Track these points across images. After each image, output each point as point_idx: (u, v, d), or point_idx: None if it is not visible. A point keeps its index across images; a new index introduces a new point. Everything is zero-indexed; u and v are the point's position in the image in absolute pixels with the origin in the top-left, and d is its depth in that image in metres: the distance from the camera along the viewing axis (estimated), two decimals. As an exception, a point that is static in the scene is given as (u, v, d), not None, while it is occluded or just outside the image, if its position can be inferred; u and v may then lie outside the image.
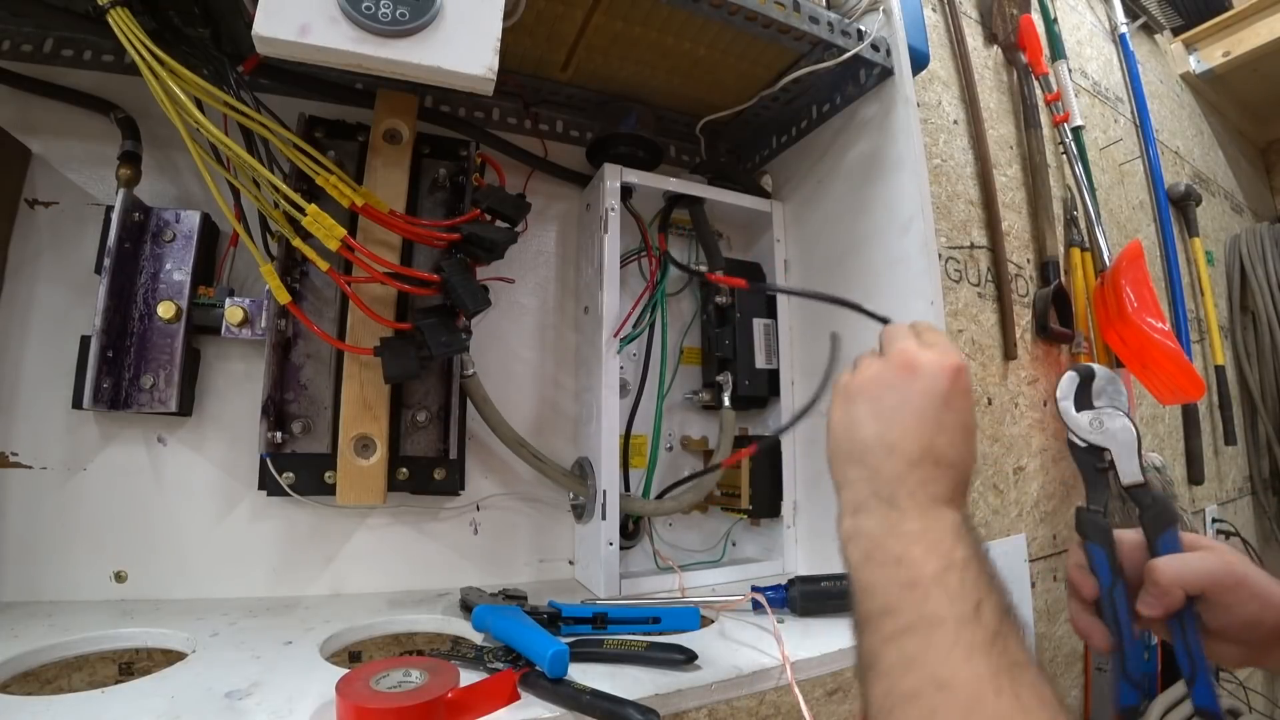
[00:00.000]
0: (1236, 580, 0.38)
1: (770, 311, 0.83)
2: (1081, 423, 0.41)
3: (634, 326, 0.77)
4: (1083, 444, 0.42)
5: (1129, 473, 0.41)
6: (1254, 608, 0.38)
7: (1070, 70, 1.40)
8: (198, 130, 0.49)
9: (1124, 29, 1.65)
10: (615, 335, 0.71)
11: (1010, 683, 0.25)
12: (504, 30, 0.47)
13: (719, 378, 0.79)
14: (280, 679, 0.44)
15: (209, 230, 0.63)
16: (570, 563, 0.76)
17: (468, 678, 0.42)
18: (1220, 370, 1.68)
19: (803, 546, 0.79)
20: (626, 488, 0.75)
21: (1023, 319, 1.18)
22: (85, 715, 0.39)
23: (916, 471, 0.34)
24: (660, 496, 0.77)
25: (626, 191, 0.75)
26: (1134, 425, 0.41)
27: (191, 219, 0.61)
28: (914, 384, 0.36)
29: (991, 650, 0.26)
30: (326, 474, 0.59)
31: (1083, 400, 0.42)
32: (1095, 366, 0.42)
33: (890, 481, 0.34)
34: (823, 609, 0.61)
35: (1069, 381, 0.42)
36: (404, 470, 0.62)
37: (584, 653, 0.49)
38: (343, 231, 0.52)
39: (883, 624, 0.29)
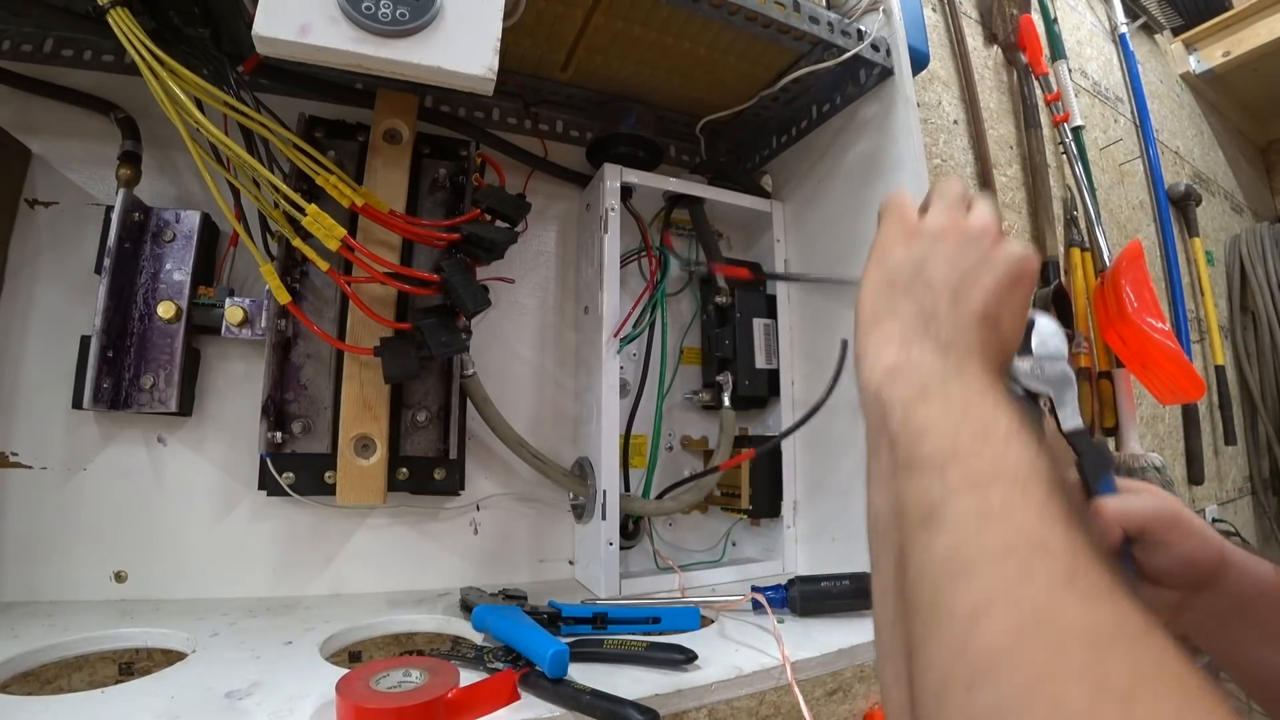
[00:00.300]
0: (1173, 518, 0.39)
1: (770, 311, 0.83)
2: (1022, 369, 0.40)
3: (634, 326, 0.77)
4: (1021, 392, 0.41)
5: (1068, 418, 0.41)
6: (1191, 545, 0.39)
7: (1070, 70, 1.40)
8: (198, 130, 0.49)
9: (1124, 29, 1.65)
10: (615, 335, 0.71)
11: (1091, 561, 0.21)
12: (504, 30, 0.47)
13: (719, 378, 0.79)
14: (280, 679, 0.44)
15: (209, 230, 0.63)
16: (570, 563, 0.76)
17: (468, 678, 0.42)
18: (1220, 370, 1.68)
19: (803, 546, 0.79)
20: (626, 488, 0.75)
21: (1023, 319, 1.18)
22: (85, 715, 0.39)
23: (980, 330, 0.31)
24: (660, 497, 0.77)
25: (626, 191, 0.75)
26: (1073, 373, 0.41)
27: (191, 219, 0.61)
28: (997, 252, 0.33)
29: (1074, 522, 0.23)
30: (326, 474, 0.59)
31: (1023, 346, 0.41)
32: (1037, 316, 0.41)
33: (951, 329, 0.31)
34: (823, 609, 0.61)
35: None
36: (404, 470, 0.62)
37: (584, 653, 0.49)
38: (343, 231, 0.52)
39: (949, 470, 0.25)
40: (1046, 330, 0.41)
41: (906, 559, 0.24)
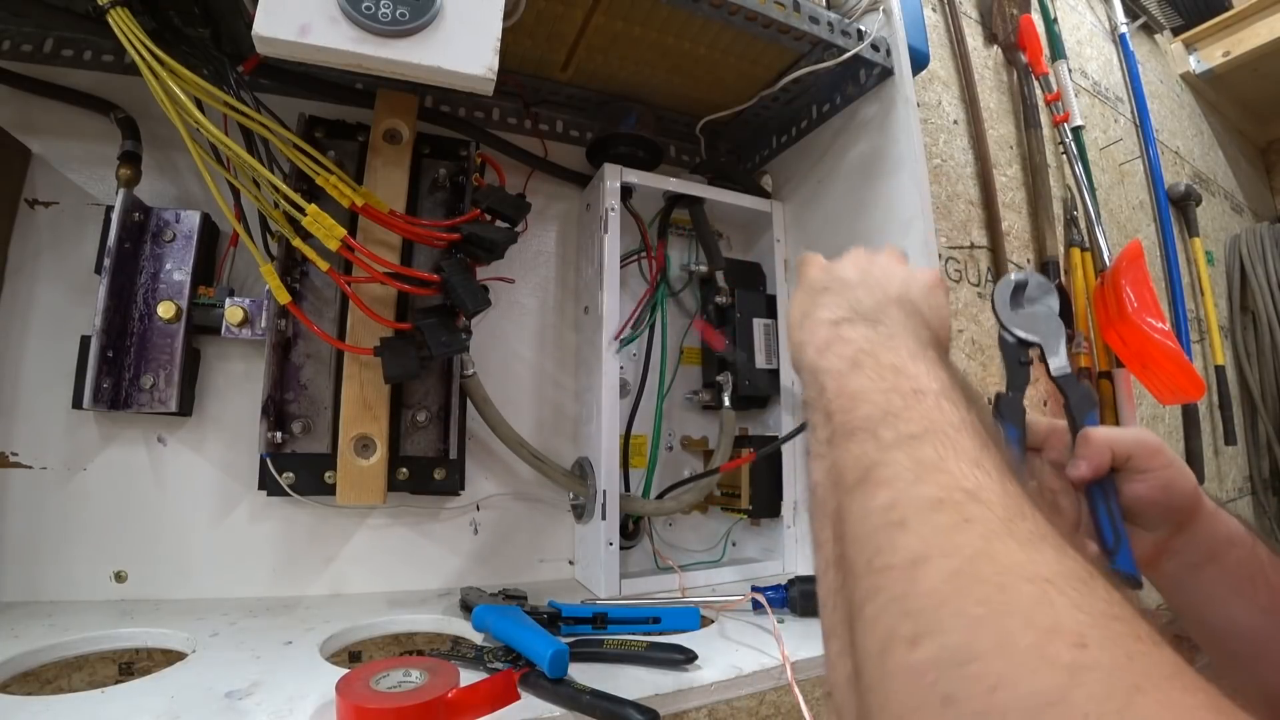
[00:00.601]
0: (1155, 446, 0.41)
1: (770, 311, 0.83)
2: (1015, 319, 0.45)
3: (633, 328, 0.77)
4: (1012, 339, 0.45)
5: (1057, 365, 0.45)
6: (1170, 473, 0.41)
7: (1070, 70, 1.40)
8: (198, 130, 0.49)
9: (1124, 29, 1.65)
10: (616, 338, 0.71)
11: (1031, 509, 0.21)
12: (504, 30, 0.47)
13: (719, 378, 0.79)
14: (280, 679, 0.44)
15: (209, 230, 0.63)
16: (570, 563, 0.76)
17: (468, 678, 0.42)
18: (1220, 370, 1.68)
19: (803, 546, 0.79)
20: (626, 488, 0.75)
21: (1023, 319, 1.18)
22: (85, 715, 0.39)
23: (900, 310, 0.32)
24: (660, 497, 0.77)
25: (626, 191, 0.75)
26: (1062, 323, 0.45)
27: (191, 219, 0.61)
28: (901, 266, 0.37)
29: (1010, 474, 0.23)
30: (326, 474, 0.59)
31: (1016, 302, 0.46)
32: (1029, 274, 0.46)
33: (874, 308, 0.32)
34: (823, 609, 0.61)
35: (1004, 285, 0.46)
36: (404, 470, 0.62)
37: (584, 653, 0.49)
38: (343, 231, 0.52)
39: (882, 430, 0.25)
40: (1034, 281, 0.46)
41: (844, 523, 0.24)
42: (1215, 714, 0.14)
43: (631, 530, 0.76)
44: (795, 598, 0.61)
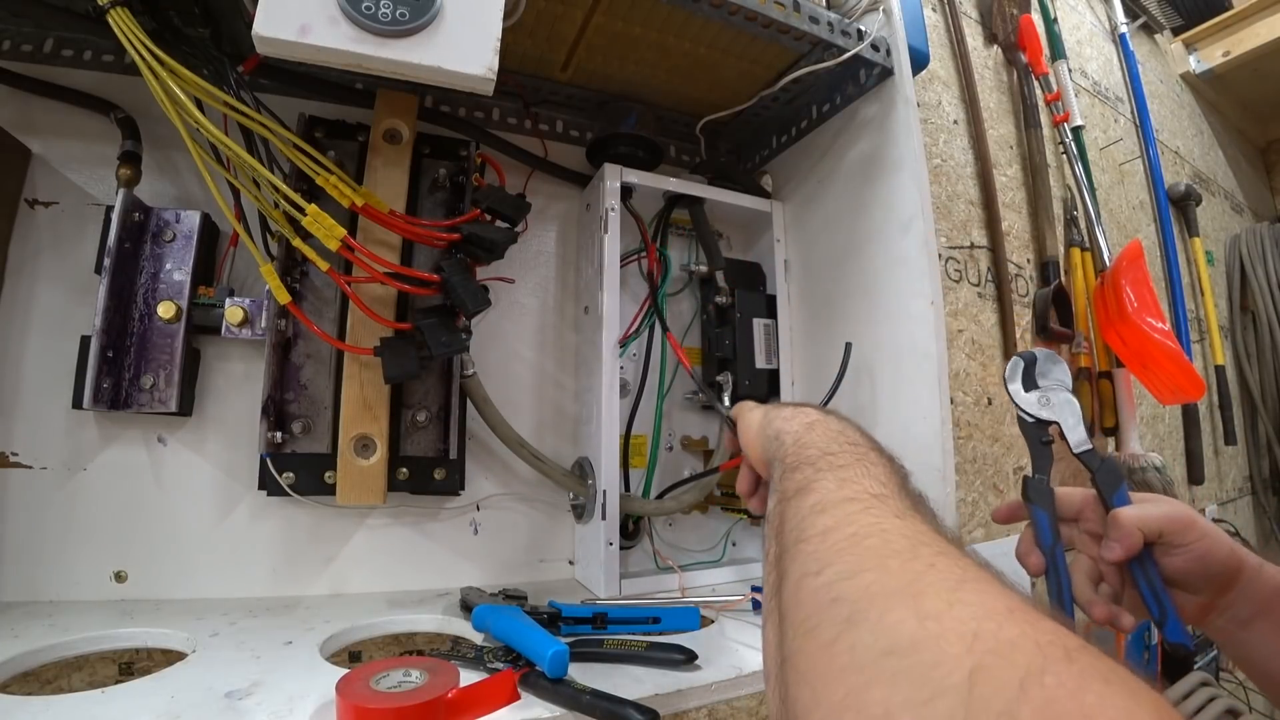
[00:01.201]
0: (1188, 521, 0.43)
1: (770, 312, 0.83)
2: (1030, 401, 0.46)
3: (635, 329, 0.77)
4: (1031, 419, 0.47)
5: (1078, 441, 0.46)
6: (1205, 545, 0.42)
7: (1070, 70, 1.40)
8: (198, 130, 0.49)
9: (1124, 29, 1.65)
10: (620, 342, 0.71)
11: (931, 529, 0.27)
12: (504, 30, 0.47)
13: (719, 378, 0.79)
14: (280, 679, 0.44)
15: (209, 230, 0.63)
16: (570, 563, 0.76)
17: (468, 678, 0.42)
18: (1220, 370, 1.68)
19: (803, 546, 0.79)
20: (626, 488, 0.75)
21: (1023, 319, 1.18)
22: (85, 715, 0.39)
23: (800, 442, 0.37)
24: (660, 497, 0.77)
25: (626, 191, 0.75)
26: (1075, 398, 0.46)
27: (191, 219, 0.61)
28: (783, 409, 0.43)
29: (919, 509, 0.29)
30: (326, 474, 0.59)
31: (1029, 381, 0.47)
32: (1036, 351, 0.47)
33: (786, 457, 0.37)
34: (823, 609, 0.61)
35: (1014, 366, 0.47)
36: (404, 470, 0.62)
37: (584, 653, 0.49)
38: (343, 231, 0.52)
39: (820, 463, 0.33)
40: (1042, 356, 0.47)
41: (782, 524, 0.30)
42: (997, 594, 0.20)
43: (631, 530, 0.76)
44: (795, 598, 0.61)
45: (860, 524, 0.26)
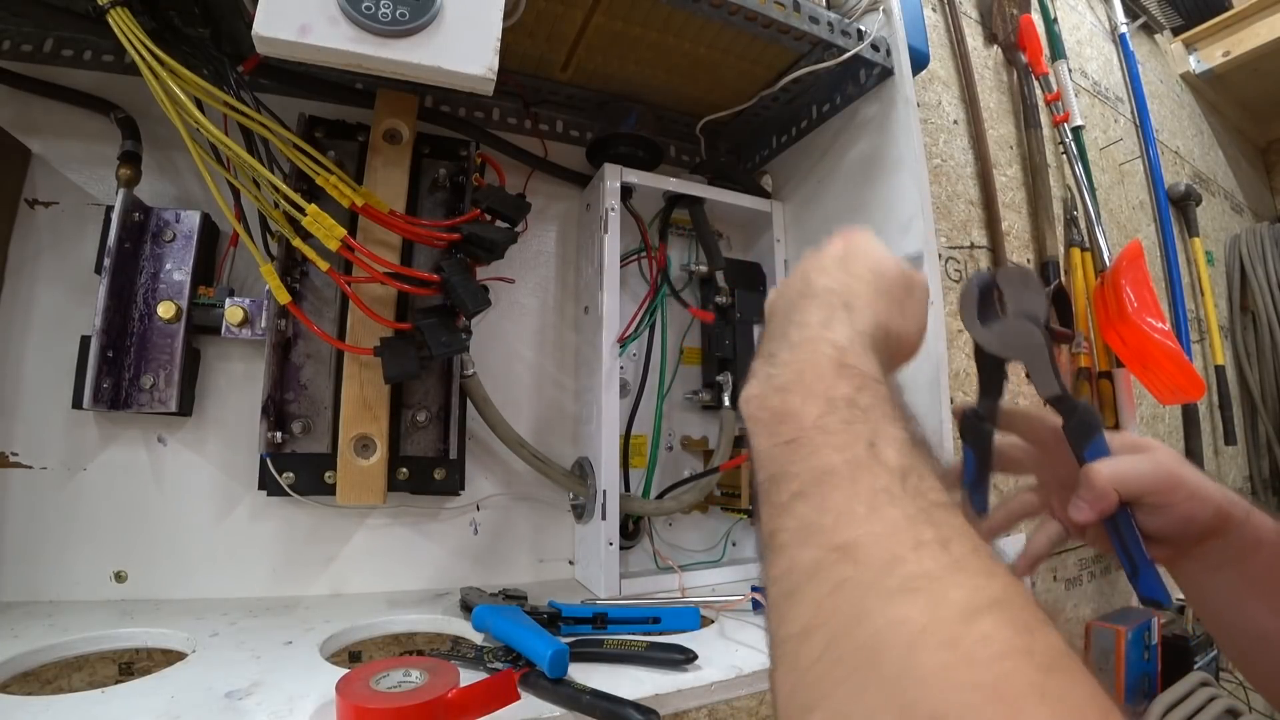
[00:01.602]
0: (1174, 481, 0.37)
1: (770, 311, 0.82)
2: (988, 338, 0.39)
3: (634, 329, 0.77)
4: (989, 354, 0.39)
5: (1045, 385, 0.38)
6: (1190, 507, 0.37)
7: (1070, 70, 1.40)
8: (198, 130, 0.49)
9: (1124, 29, 1.65)
10: (618, 340, 0.71)
11: (933, 530, 0.21)
12: (504, 30, 0.47)
13: (719, 377, 0.79)
14: (280, 679, 0.44)
15: (209, 230, 0.63)
16: (570, 563, 0.76)
17: (468, 678, 0.42)
18: (1220, 370, 1.68)
19: (803, 546, 0.79)
20: (626, 488, 0.75)
21: (1023, 319, 1.18)
22: (85, 715, 0.39)
23: (815, 307, 0.31)
24: (660, 497, 0.77)
25: (626, 191, 0.75)
26: (1045, 334, 0.38)
27: (191, 219, 0.61)
28: (880, 264, 0.34)
29: (901, 494, 0.22)
30: (326, 474, 0.59)
31: (987, 312, 0.39)
32: (1002, 271, 0.39)
33: (790, 327, 0.31)
34: (823, 609, 0.61)
35: (967, 294, 0.39)
36: (404, 470, 0.62)
37: (584, 653, 0.49)
38: (343, 231, 0.52)
39: (774, 494, 0.25)
40: (1009, 277, 0.39)
41: (766, 582, 0.25)
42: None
43: (631, 530, 0.76)
44: (795, 598, 0.61)
45: (836, 620, 0.20)
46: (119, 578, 0.59)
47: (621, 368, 0.75)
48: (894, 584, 0.19)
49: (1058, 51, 1.37)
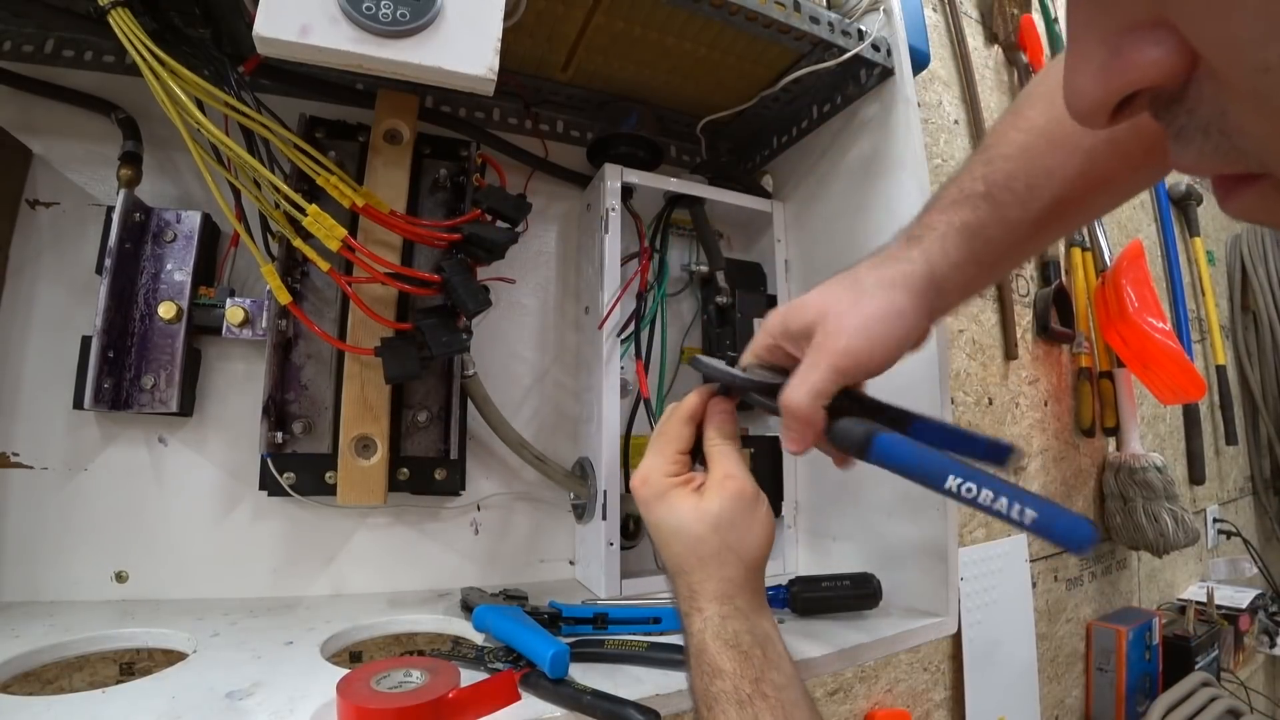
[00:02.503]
0: (861, 353, 0.39)
1: (771, 311, 0.82)
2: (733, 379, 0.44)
3: (628, 328, 0.77)
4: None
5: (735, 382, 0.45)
6: (862, 364, 0.39)
7: (1071, 70, 1.40)
8: (198, 130, 0.49)
9: (1125, 29, 1.65)
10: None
11: None
12: (504, 30, 0.47)
13: (719, 378, 0.79)
14: (281, 679, 0.44)
15: (210, 230, 0.63)
16: (571, 563, 0.76)
17: (468, 678, 0.42)
18: (1221, 370, 1.68)
19: (803, 546, 0.79)
20: (627, 488, 0.75)
21: (1023, 319, 1.18)
22: (85, 715, 0.39)
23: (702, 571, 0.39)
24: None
25: (627, 191, 0.75)
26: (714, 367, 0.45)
27: (192, 219, 0.61)
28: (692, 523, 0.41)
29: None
30: (327, 474, 0.59)
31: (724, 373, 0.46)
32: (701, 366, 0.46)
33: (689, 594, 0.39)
34: (823, 609, 0.61)
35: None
36: (404, 470, 0.62)
37: (584, 653, 0.49)
38: (343, 232, 0.52)
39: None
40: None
41: None
42: None
43: (632, 530, 0.76)
44: (795, 598, 0.61)
45: None
46: (120, 578, 0.59)
47: (622, 368, 0.74)
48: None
49: (1058, 51, 1.37)
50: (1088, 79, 0.18)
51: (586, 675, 0.45)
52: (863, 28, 0.68)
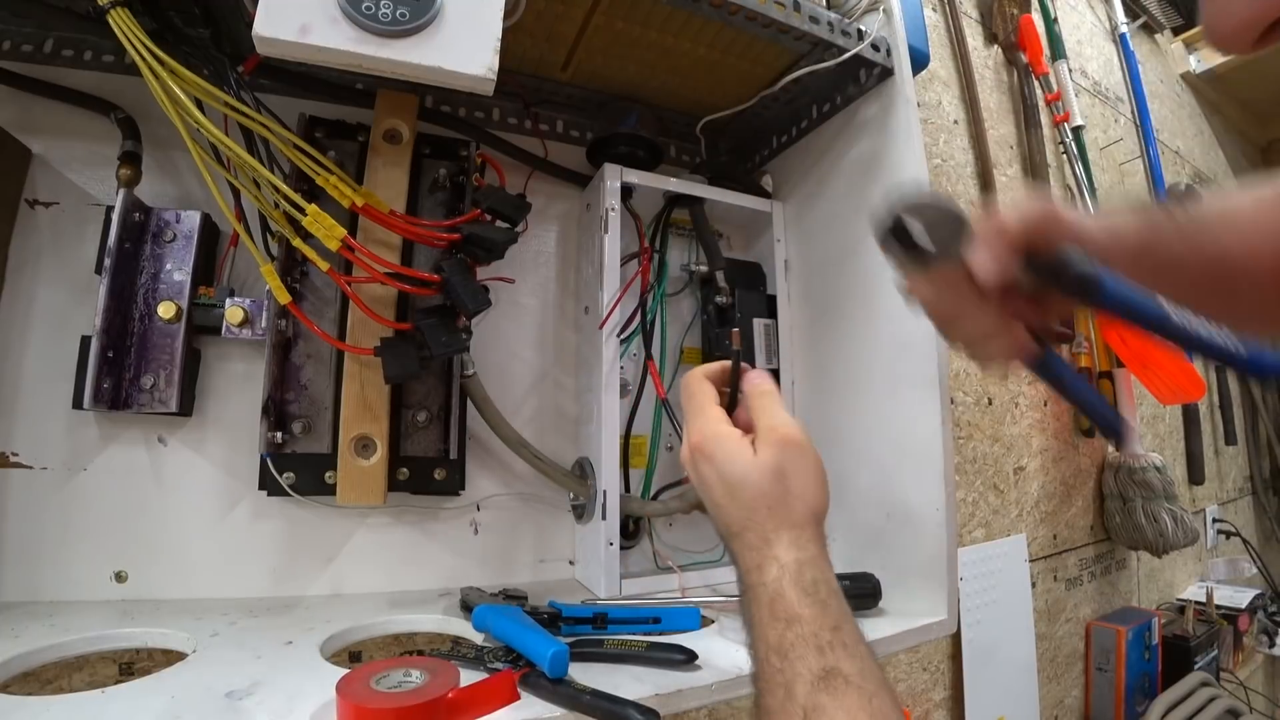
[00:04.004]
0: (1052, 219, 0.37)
1: (771, 312, 0.83)
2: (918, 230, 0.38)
3: (627, 327, 0.77)
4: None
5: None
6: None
7: (1070, 70, 1.40)
8: (198, 130, 0.49)
9: (1124, 29, 1.65)
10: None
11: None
12: (504, 30, 0.47)
13: (719, 378, 0.79)
14: (281, 679, 0.44)
15: (209, 230, 0.63)
16: (570, 563, 0.76)
17: (468, 678, 0.42)
18: (1221, 370, 1.68)
19: (803, 546, 0.79)
20: (626, 488, 0.75)
21: (1023, 319, 1.18)
22: (85, 715, 0.39)
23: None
24: (655, 497, 0.77)
25: (626, 191, 0.75)
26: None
27: (192, 219, 0.61)
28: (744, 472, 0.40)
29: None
30: (327, 474, 0.59)
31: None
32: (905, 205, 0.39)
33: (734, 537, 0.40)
34: (823, 609, 0.61)
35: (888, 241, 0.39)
36: (404, 470, 0.62)
37: (584, 653, 0.49)
38: (343, 231, 0.52)
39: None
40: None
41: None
42: None
43: (632, 530, 0.76)
44: (795, 598, 0.61)
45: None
46: (119, 578, 0.59)
47: (621, 368, 0.75)
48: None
49: (1058, 51, 1.37)
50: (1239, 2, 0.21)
51: (586, 675, 0.45)
52: (862, 28, 0.68)
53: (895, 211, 0.38)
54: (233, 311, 0.59)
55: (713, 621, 0.60)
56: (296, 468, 0.59)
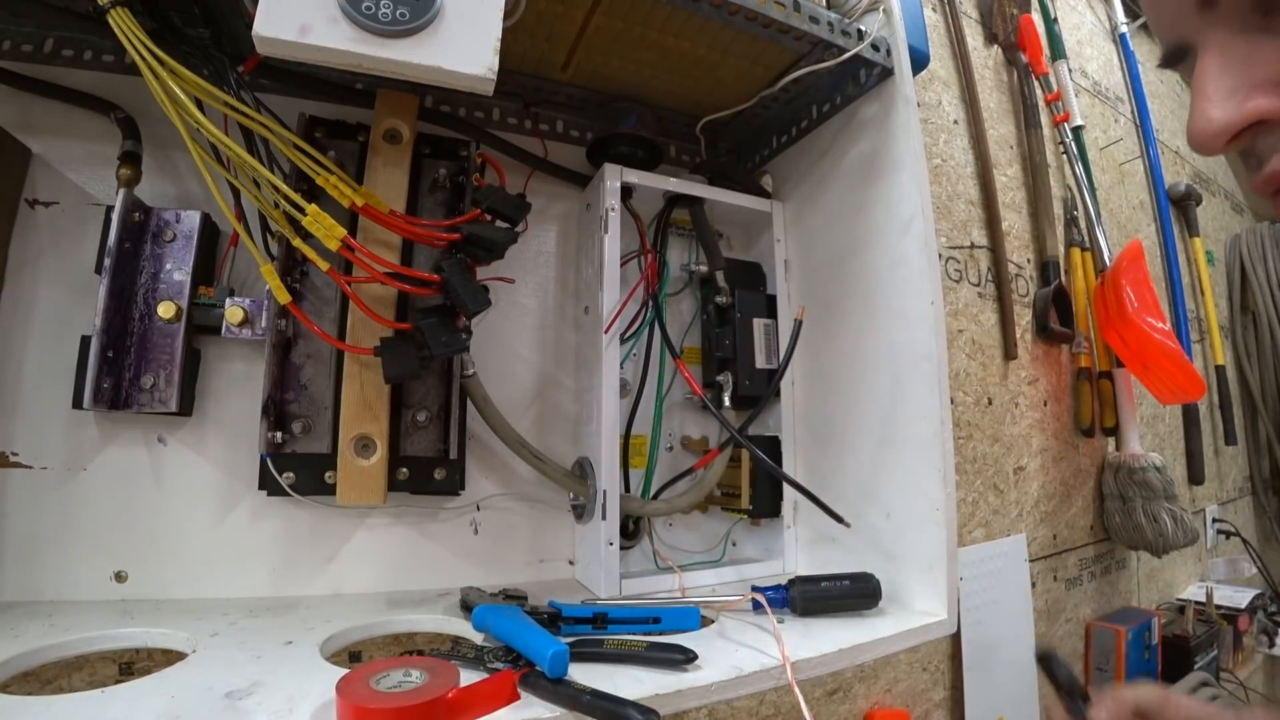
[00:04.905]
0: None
1: (771, 311, 0.83)
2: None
3: (630, 328, 0.77)
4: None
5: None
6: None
7: (1070, 70, 1.40)
8: (198, 130, 0.49)
9: (1124, 28, 1.65)
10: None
11: None
12: (504, 30, 0.47)
13: (719, 378, 0.79)
14: (281, 679, 0.44)
15: (209, 230, 0.63)
16: (570, 563, 0.76)
17: (468, 678, 0.42)
18: (1220, 370, 1.68)
19: (803, 546, 0.79)
20: (626, 488, 0.75)
21: (1023, 319, 1.18)
22: (85, 715, 0.39)
23: None
24: (655, 496, 0.77)
25: (626, 191, 0.75)
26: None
27: (192, 219, 0.61)
28: None
29: None
30: (327, 474, 0.59)
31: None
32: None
33: None
34: (823, 609, 0.61)
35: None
36: (404, 470, 0.62)
37: (584, 653, 0.49)
38: (343, 231, 0.52)
39: None
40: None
41: None
42: None
43: (631, 530, 0.76)
44: (795, 598, 0.61)
45: None
46: (119, 578, 0.59)
47: (621, 368, 0.75)
48: None
49: (1058, 51, 1.37)
50: (1217, 108, 0.25)
51: (586, 675, 0.45)
52: (862, 28, 0.68)
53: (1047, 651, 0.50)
54: (233, 311, 0.59)
55: (713, 621, 0.60)
56: (296, 468, 0.59)
